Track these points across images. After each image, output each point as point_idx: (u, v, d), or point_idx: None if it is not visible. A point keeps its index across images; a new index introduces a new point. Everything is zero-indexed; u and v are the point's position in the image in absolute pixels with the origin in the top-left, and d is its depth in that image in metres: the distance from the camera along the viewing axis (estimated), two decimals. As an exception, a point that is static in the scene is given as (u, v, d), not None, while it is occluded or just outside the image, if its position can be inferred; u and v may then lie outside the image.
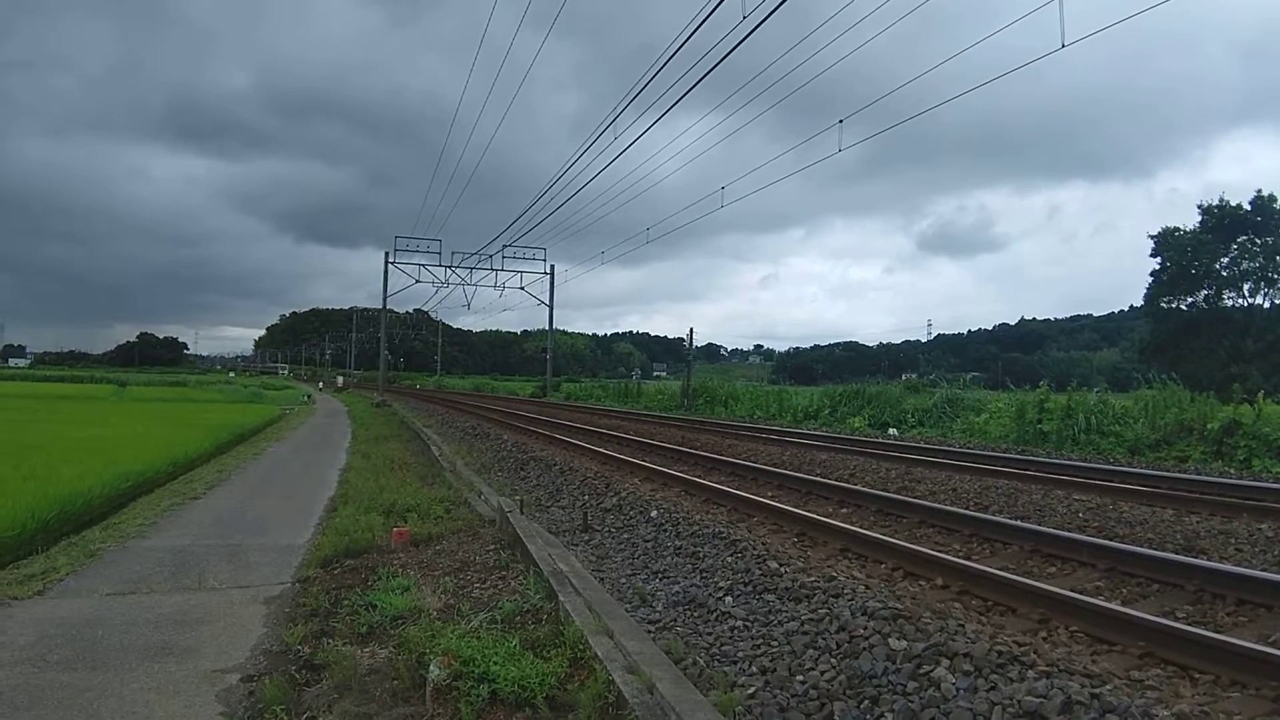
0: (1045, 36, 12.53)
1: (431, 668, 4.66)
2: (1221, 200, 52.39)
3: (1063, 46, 11.92)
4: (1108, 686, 3.97)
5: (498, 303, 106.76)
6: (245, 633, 6.06)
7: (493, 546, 8.34)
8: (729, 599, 6.24)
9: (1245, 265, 51.64)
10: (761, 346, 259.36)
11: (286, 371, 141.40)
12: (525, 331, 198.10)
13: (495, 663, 4.68)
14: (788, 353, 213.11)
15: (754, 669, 4.95)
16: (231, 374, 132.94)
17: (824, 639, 5.08)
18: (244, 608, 6.71)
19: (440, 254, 53.90)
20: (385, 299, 57.62)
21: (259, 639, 5.92)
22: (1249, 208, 51.57)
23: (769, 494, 10.93)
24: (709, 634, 5.67)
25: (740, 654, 5.21)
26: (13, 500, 9.42)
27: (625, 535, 9.11)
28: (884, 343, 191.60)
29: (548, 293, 58.16)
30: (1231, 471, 14.59)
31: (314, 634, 5.90)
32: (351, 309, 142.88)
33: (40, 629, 5.96)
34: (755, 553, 7.11)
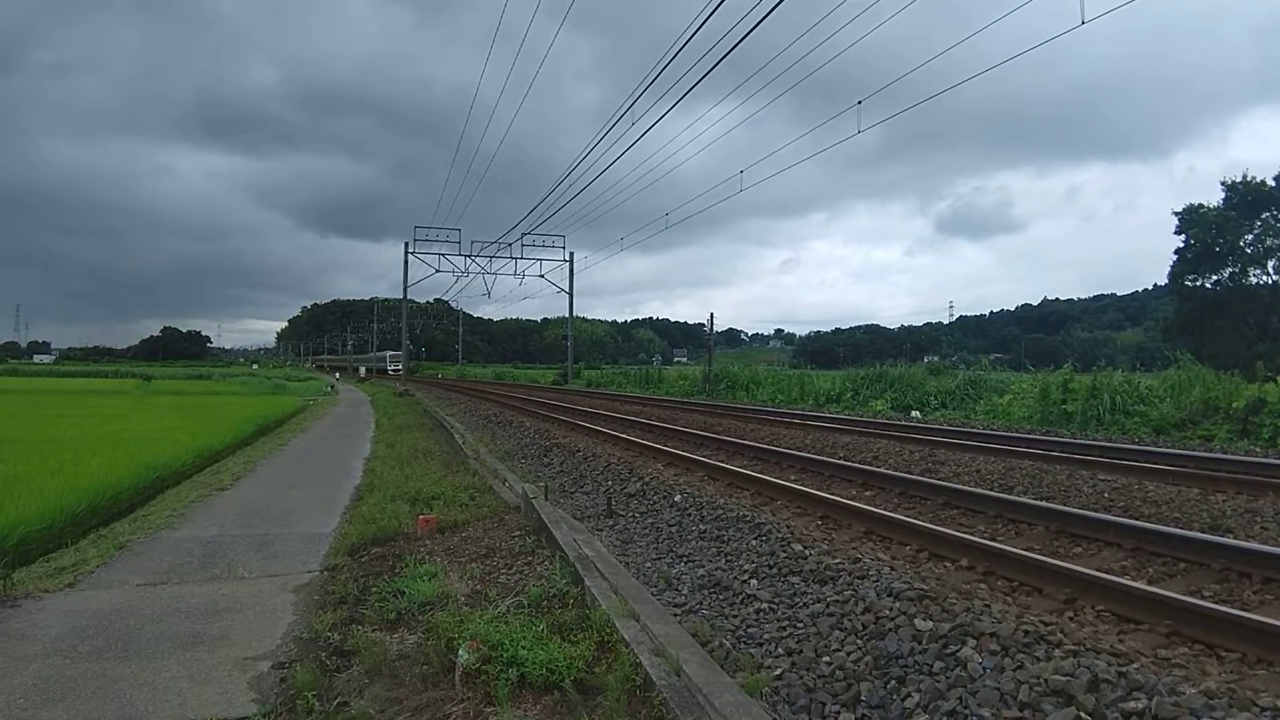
0: (1064, 16, 12.42)
1: (460, 652, 4.70)
2: (1245, 176, 51.60)
3: (1083, 23, 11.83)
4: (1135, 665, 3.96)
5: (518, 291, 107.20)
6: (275, 621, 6.13)
7: (518, 532, 8.40)
8: (754, 582, 6.25)
9: (1270, 242, 50.88)
10: (782, 331, 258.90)
11: (396, 367, 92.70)
12: (545, 319, 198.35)
13: (523, 647, 4.71)
14: (808, 336, 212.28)
15: (780, 650, 4.97)
16: (254, 365, 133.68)
17: (850, 620, 5.09)
18: (273, 596, 6.79)
19: (460, 243, 54.05)
20: (405, 289, 57.83)
21: (289, 626, 5.99)
22: (1273, 184, 50.80)
23: (792, 478, 10.92)
24: (735, 616, 5.69)
25: (766, 636, 5.23)
26: (42, 494, 9.56)
27: (649, 520, 9.13)
28: (905, 325, 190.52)
29: (567, 280, 58.27)
30: (1257, 450, 14.44)
31: (343, 621, 5.96)
32: (372, 300, 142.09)
33: (72, 621, 6.04)
34: (779, 536, 7.12)
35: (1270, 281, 51.07)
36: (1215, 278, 52.57)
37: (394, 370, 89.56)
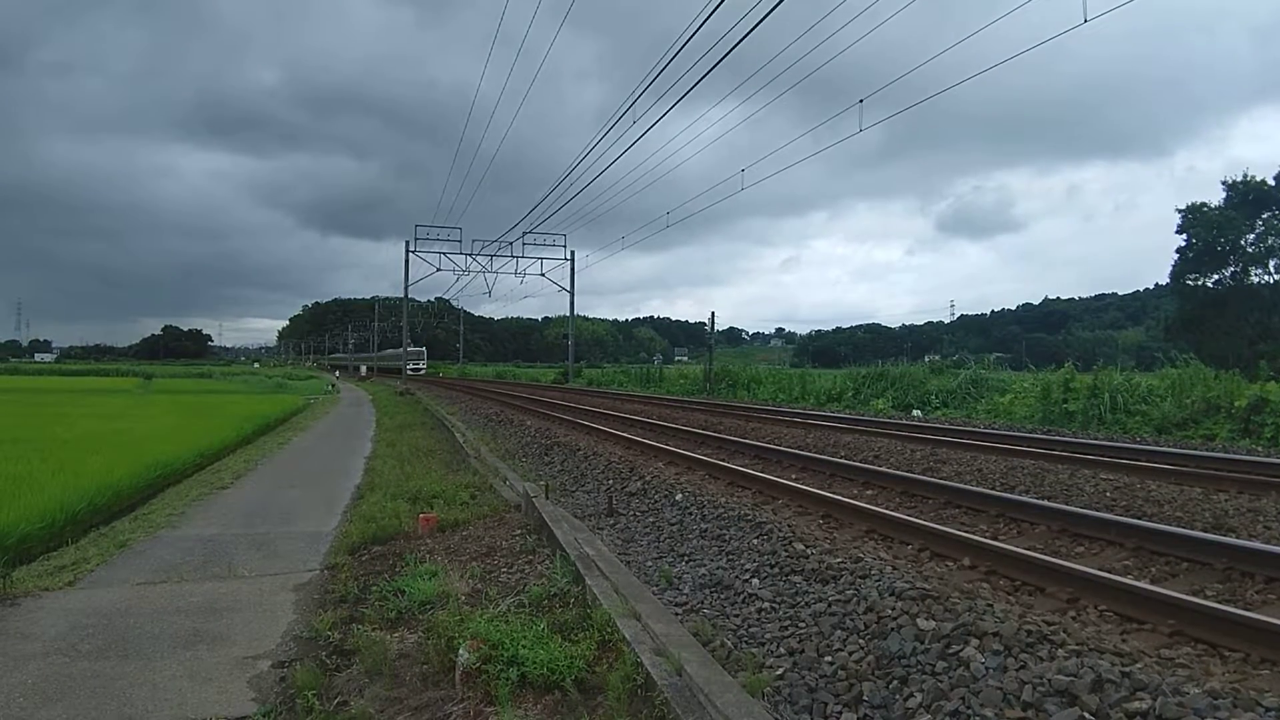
0: (1064, 16, 12.44)
1: (461, 652, 4.68)
2: (1246, 176, 51.56)
3: (1085, 21, 11.82)
4: (1138, 665, 3.95)
5: (519, 290, 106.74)
6: (275, 620, 6.13)
7: (519, 531, 8.38)
8: (756, 581, 6.24)
9: (1271, 241, 50.83)
10: (783, 330, 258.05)
11: (423, 367, 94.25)
12: (546, 318, 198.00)
13: (524, 646, 4.69)
14: (810, 335, 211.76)
15: (782, 650, 4.95)
16: (256, 364, 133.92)
17: (852, 620, 5.07)
18: (273, 595, 6.78)
19: (460, 242, 54.06)
20: (406, 288, 57.86)
21: (289, 626, 5.99)
22: (1273, 183, 50.76)
23: (793, 476, 10.90)
24: (736, 616, 5.67)
25: (768, 635, 5.21)
26: (42, 493, 9.56)
27: (650, 519, 9.11)
28: (906, 324, 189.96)
29: (568, 279, 58.27)
30: (1259, 449, 14.43)
31: (343, 620, 5.95)
32: (373, 299, 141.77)
33: (71, 619, 6.04)
34: (781, 535, 7.11)
35: (1272, 281, 51.06)
36: (1216, 277, 52.56)
37: (412, 369, 77.43)
